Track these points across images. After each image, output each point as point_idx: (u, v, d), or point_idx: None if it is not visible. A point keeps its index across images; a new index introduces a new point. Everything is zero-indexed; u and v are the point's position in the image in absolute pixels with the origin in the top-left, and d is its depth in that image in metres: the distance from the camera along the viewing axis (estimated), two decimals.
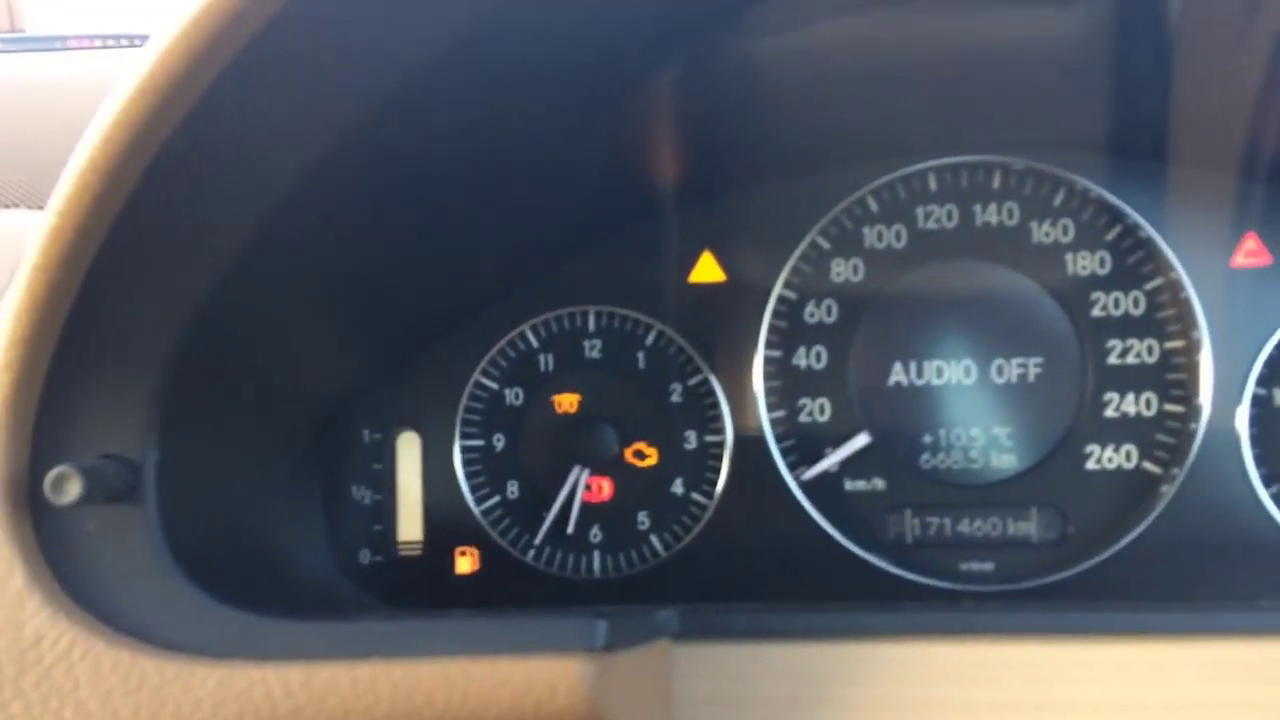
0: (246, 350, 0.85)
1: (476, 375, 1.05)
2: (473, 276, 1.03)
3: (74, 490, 0.65)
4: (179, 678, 0.64)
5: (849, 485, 1.02)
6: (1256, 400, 0.97)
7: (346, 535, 1.04)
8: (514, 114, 0.83)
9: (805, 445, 1.02)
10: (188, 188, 0.68)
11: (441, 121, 0.80)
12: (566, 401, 1.05)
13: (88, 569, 0.68)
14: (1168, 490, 0.97)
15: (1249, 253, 0.97)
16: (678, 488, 1.03)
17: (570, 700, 0.63)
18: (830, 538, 1.00)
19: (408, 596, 1.03)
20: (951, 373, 1.00)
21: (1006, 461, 1.00)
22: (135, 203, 0.65)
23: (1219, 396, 0.96)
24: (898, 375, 1.01)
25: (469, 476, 1.05)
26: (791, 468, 1.01)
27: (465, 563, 1.05)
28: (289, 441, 0.98)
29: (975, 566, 1.00)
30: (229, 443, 0.86)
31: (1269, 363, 0.96)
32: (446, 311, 1.04)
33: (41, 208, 0.67)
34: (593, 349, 1.05)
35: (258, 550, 0.90)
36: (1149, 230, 0.98)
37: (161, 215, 0.68)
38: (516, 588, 1.03)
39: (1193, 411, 0.97)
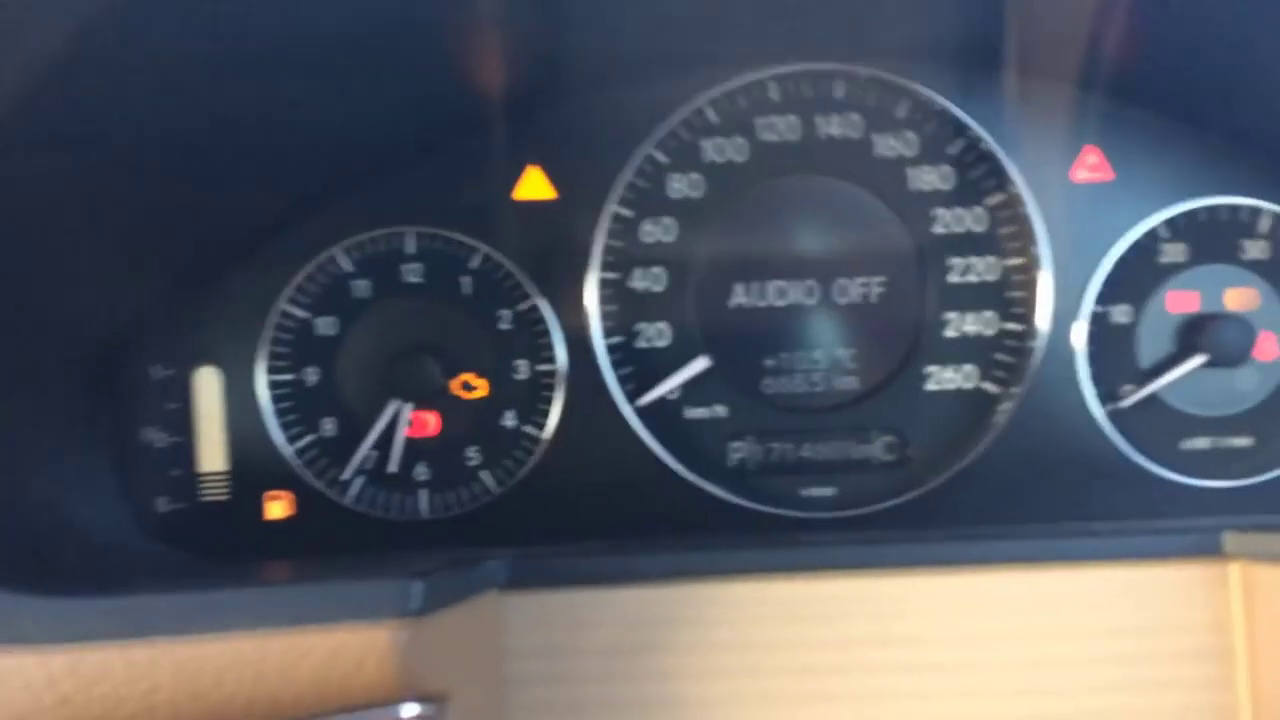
0: (9, 277, 0.73)
1: (282, 303, 0.96)
2: (273, 195, 0.93)
3: None
4: None
5: (689, 413, 0.97)
6: (1095, 318, 0.96)
7: (140, 483, 0.94)
8: (323, 12, 0.74)
9: (644, 373, 0.97)
10: None
11: (240, 19, 0.69)
12: (385, 331, 0.96)
13: None
14: (1006, 410, 0.96)
15: (1090, 167, 0.96)
16: (509, 420, 0.97)
17: (380, 672, 0.57)
18: (669, 468, 0.96)
19: (214, 546, 0.94)
20: (794, 293, 0.96)
21: (848, 384, 0.97)
22: None
23: (1058, 314, 0.95)
24: (739, 297, 0.97)
25: (279, 414, 0.96)
26: (630, 397, 0.96)
27: (277, 508, 0.96)
28: (64, 382, 0.87)
29: (816, 492, 0.97)
30: None
31: (1108, 281, 0.96)
32: (244, 234, 0.94)
33: None
34: (413, 273, 0.97)
35: (27, 509, 0.79)
36: (991, 144, 0.95)
37: None
38: (335, 533, 0.96)
39: (1031, 330, 0.96)
